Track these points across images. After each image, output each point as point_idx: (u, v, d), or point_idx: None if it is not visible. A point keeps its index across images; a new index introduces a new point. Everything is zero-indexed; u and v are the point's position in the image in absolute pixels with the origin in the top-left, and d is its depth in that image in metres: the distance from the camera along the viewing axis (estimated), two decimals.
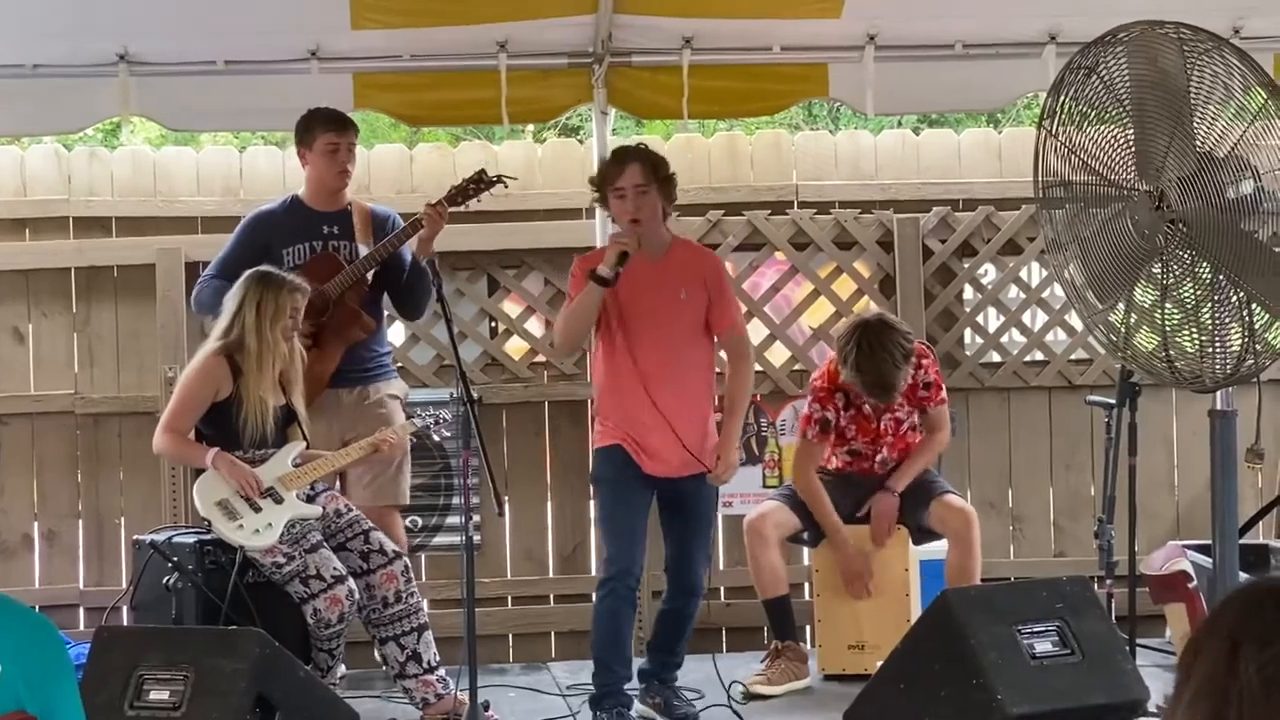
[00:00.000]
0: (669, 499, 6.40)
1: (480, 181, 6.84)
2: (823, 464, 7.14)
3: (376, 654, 6.63)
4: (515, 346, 8.07)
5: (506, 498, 7.37)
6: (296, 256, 6.90)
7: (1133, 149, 5.27)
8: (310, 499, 6.47)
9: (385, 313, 7.07)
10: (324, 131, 6.87)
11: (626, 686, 6.35)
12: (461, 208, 6.83)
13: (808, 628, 7.40)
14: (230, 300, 6.45)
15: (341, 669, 6.91)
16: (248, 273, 6.49)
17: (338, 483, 6.94)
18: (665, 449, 6.26)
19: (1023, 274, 8.18)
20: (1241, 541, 5.70)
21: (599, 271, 6.16)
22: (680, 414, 6.24)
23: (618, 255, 6.15)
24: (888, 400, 6.90)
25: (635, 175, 6.27)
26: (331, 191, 6.95)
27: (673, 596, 6.49)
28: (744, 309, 8.03)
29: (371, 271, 6.83)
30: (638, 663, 6.55)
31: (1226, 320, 5.14)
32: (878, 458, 7.09)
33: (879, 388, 6.80)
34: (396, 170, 8.05)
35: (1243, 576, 5.42)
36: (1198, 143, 5.09)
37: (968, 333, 8.19)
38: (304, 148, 6.94)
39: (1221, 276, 5.13)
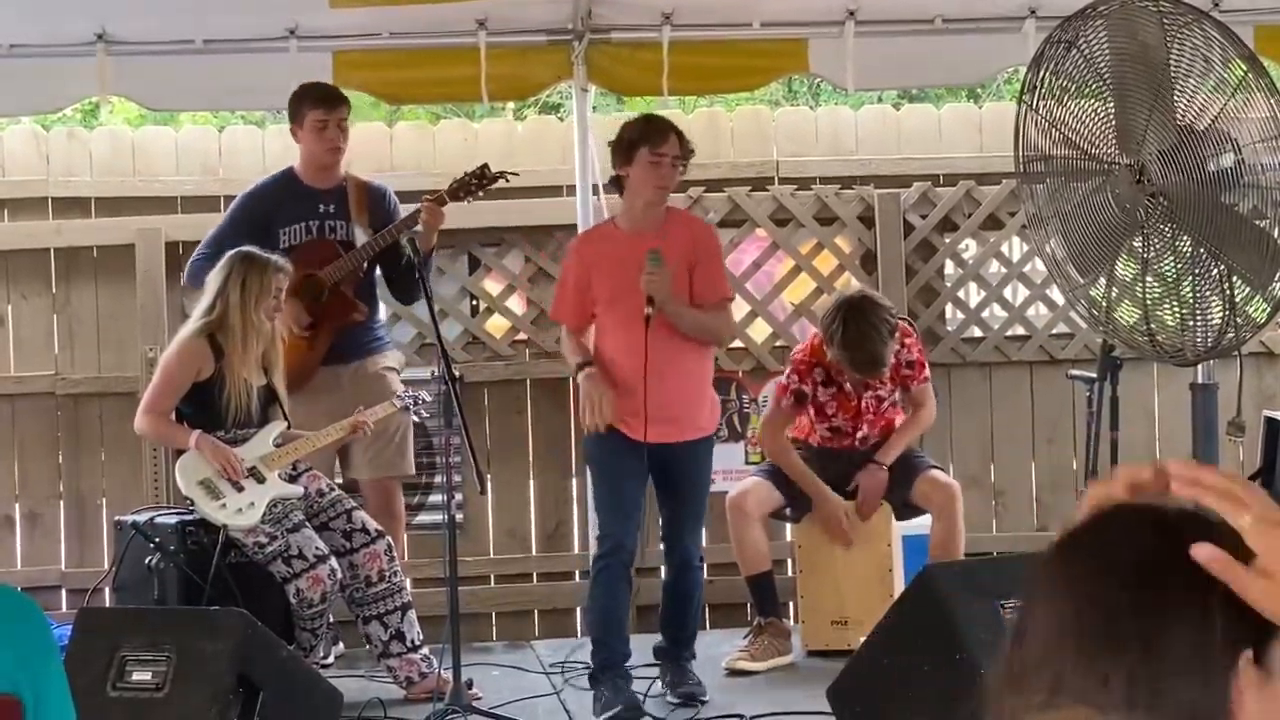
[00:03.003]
0: (661, 468, 6.23)
1: (483, 177, 6.81)
2: (804, 439, 7.15)
3: (360, 633, 6.64)
4: (496, 324, 8.05)
5: (489, 476, 7.36)
6: (293, 237, 6.90)
7: (1113, 123, 5.27)
8: (292, 479, 6.46)
9: (377, 290, 7.11)
10: (312, 109, 6.85)
11: (625, 662, 6.25)
12: (464, 203, 6.82)
13: (790, 604, 7.40)
14: (213, 280, 6.43)
15: (340, 646, 6.96)
16: (231, 252, 6.47)
17: (338, 458, 7.00)
18: (655, 413, 6.04)
19: (1004, 249, 8.18)
20: None
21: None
22: (672, 376, 6.08)
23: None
24: (875, 375, 6.89)
25: (675, 147, 6.11)
26: (324, 168, 6.95)
27: (668, 570, 6.45)
28: None
29: (366, 261, 6.83)
30: (642, 639, 6.53)
31: (1207, 293, 5.16)
32: (859, 434, 7.09)
33: (867, 363, 6.79)
34: (376, 148, 8.02)
35: None
36: (1178, 116, 5.09)
37: (949, 308, 8.19)
38: (295, 125, 6.93)
39: (1202, 250, 5.14)
